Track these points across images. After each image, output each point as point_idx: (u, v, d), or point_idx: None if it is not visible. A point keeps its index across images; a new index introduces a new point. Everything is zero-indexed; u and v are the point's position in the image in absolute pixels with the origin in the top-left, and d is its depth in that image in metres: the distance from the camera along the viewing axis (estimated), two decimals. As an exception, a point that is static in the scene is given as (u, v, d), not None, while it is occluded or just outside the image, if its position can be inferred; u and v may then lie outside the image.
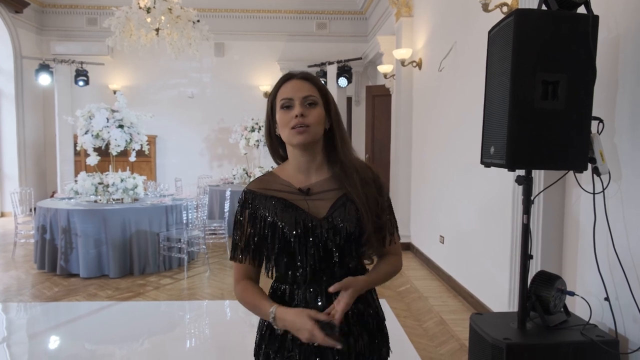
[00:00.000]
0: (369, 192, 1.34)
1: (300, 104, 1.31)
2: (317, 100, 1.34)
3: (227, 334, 4.05)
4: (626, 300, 2.15)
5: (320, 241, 1.30)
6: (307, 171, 1.37)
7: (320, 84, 1.39)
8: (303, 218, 1.31)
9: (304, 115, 1.30)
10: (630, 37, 2.25)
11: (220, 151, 10.20)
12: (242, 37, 10.01)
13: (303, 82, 1.35)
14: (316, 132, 1.32)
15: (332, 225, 1.30)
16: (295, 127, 1.29)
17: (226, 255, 6.15)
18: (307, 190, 1.35)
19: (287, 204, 1.34)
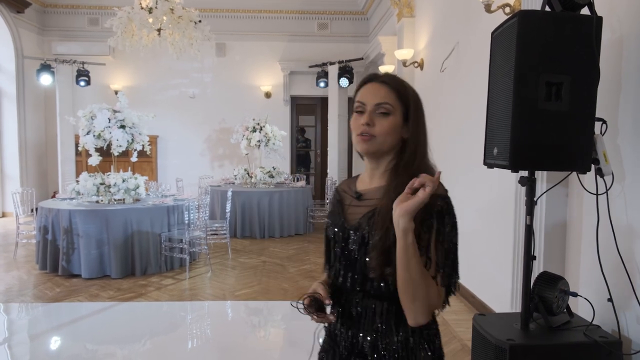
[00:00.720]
0: None
1: (371, 111, 1.24)
2: (391, 109, 1.24)
3: (228, 334, 4.05)
4: (629, 301, 2.15)
5: (343, 247, 1.30)
6: (372, 176, 1.33)
7: (403, 90, 1.27)
8: (339, 221, 1.33)
9: (370, 125, 1.24)
10: (634, 39, 2.25)
11: (222, 151, 10.20)
12: (243, 37, 10.01)
13: (381, 87, 1.26)
14: (382, 143, 1.25)
15: (354, 233, 1.27)
16: (361, 134, 1.25)
17: (227, 255, 6.16)
18: (359, 195, 1.32)
19: (338, 205, 1.36)
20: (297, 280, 5.16)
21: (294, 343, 3.93)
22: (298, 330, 4.17)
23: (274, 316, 4.55)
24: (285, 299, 4.64)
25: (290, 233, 7.58)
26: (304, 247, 6.86)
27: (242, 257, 6.16)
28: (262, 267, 5.70)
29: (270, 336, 4.15)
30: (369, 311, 1.26)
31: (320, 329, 1.39)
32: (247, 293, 4.78)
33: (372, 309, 1.25)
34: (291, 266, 5.75)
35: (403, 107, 1.26)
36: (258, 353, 3.67)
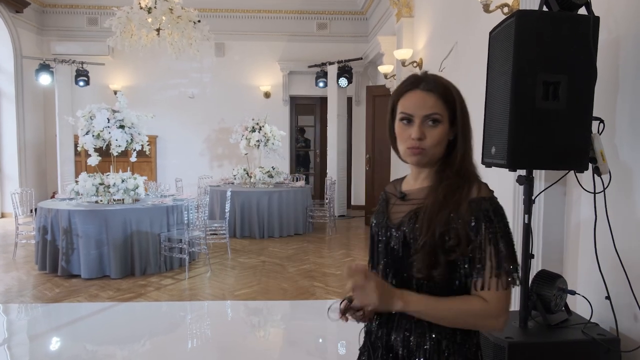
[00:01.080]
0: (444, 209, 1.19)
1: (420, 123, 1.22)
2: (441, 117, 1.22)
3: (228, 334, 4.06)
4: (627, 299, 2.16)
5: (386, 244, 1.30)
6: (416, 178, 1.32)
7: (448, 93, 1.24)
8: (382, 220, 1.34)
9: (422, 139, 1.21)
10: (631, 39, 2.26)
11: (221, 151, 10.21)
12: (242, 37, 10.02)
13: (428, 96, 1.22)
14: (433, 154, 1.24)
15: (397, 231, 1.27)
16: (411, 147, 1.23)
17: (227, 255, 6.16)
18: (403, 195, 1.32)
19: (384, 205, 1.38)
20: (297, 280, 5.17)
21: (293, 343, 3.94)
22: (297, 330, 4.18)
23: (273, 316, 4.56)
24: (285, 299, 4.65)
25: (290, 233, 7.58)
26: (304, 247, 6.87)
27: (242, 257, 6.17)
28: (261, 267, 5.71)
29: (270, 336, 4.16)
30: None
31: (362, 328, 1.40)
32: (246, 293, 4.79)
33: None
34: (290, 266, 5.76)
35: (450, 112, 1.24)
36: (258, 353, 3.68)
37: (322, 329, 4.30)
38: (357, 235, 7.92)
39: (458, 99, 1.25)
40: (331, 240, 7.45)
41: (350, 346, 3.75)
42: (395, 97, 1.28)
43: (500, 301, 1.15)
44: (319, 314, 4.55)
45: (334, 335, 4.20)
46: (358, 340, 1.43)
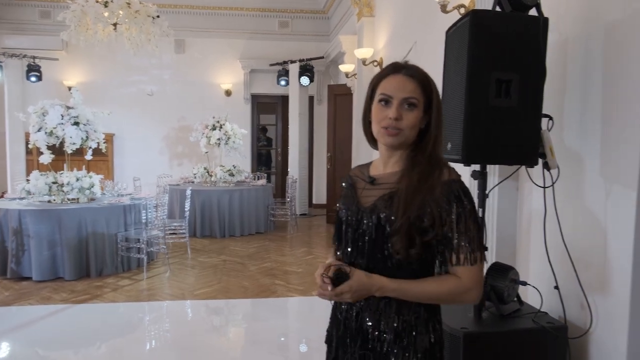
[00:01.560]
0: (419, 192, 1.24)
1: (398, 104, 1.27)
2: (417, 102, 1.28)
3: (188, 335, 3.99)
4: (574, 288, 2.26)
5: (356, 228, 1.33)
6: (386, 163, 1.37)
7: (427, 82, 1.31)
8: (352, 204, 1.36)
9: (398, 119, 1.27)
10: (578, 41, 2.36)
11: (181, 150, 10.03)
12: (203, 34, 9.87)
13: (408, 80, 1.29)
14: (408, 136, 1.29)
15: (369, 214, 1.30)
16: (387, 127, 1.28)
17: (187, 255, 6.07)
18: (373, 180, 1.36)
19: (351, 190, 1.40)
20: (258, 279, 5.15)
21: (255, 342, 3.92)
22: (259, 329, 4.17)
23: (234, 315, 4.52)
24: (246, 297, 4.62)
25: (251, 232, 7.54)
26: (265, 245, 6.84)
27: (202, 257, 6.09)
28: (222, 266, 5.65)
29: (231, 335, 4.13)
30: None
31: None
32: (206, 292, 4.73)
33: None
34: (252, 264, 5.73)
35: (426, 100, 1.29)
36: (219, 353, 3.64)
37: (284, 328, 4.30)
38: (319, 233, 7.95)
39: (434, 89, 1.32)
40: (293, 238, 7.45)
41: (311, 343, 3.77)
42: (376, 80, 1.34)
43: (473, 275, 1.24)
44: (280, 312, 4.55)
45: (296, 333, 4.21)
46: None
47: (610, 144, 2.17)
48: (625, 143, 2.06)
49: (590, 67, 2.29)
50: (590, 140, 2.28)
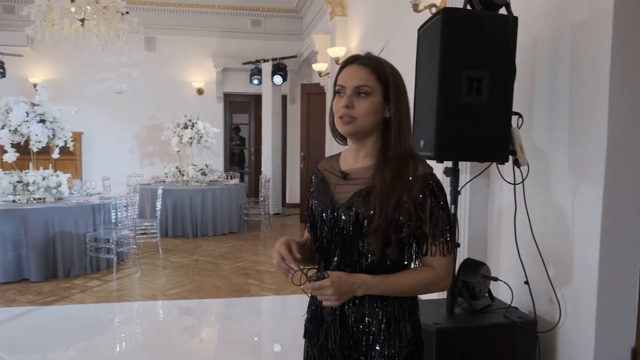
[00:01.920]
0: (394, 189, 1.24)
1: (351, 93, 1.27)
2: (371, 90, 1.27)
3: (159, 335, 3.92)
4: (543, 283, 2.31)
5: (332, 225, 1.31)
6: (356, 156, 1.36)
7: (381, 70, 1.29)
8: (326, 200, 1.35)
9: (349, 107, 1.26)
10: (547, 40, 2.41)
11: (151, 149, 9.86)
12: (174, 31, 9.73)
13: (360, 69, 1.28)
14: (364, 124, 1.28)
15: (345, 211, 1.29)
16: (342, 117, 1.27)
17: (158, 255, 5.97)
18: (345, 175, 1.35)
19: (323, 184, 1.39)
20: (231, 278, 5.10)
21: (227, 342, 3.88)
22: (233, 329, 4.12)
23: (207, 315, 4.46)
24: (219, 297, 4.57)
25: (224, 231, 7.47)
26: (238, 245, 6.78)
27: (174, 257, 6.00)
28: (194, 266, 5.57)
29: (204, 335, 4.07)
30: None
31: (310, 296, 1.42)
32: (178, 292, 4.66)
33: None
34: (224, 264, 5.67)
35: (383, 87, 1.28)
36: (192, 354, 3.58)
37: (258, 327, 4.27)
38: (293, 232, 7.92)
39: (392, 76, 1.30)
40: (266, 238, 7.41)
41: (285, 342, 3.75)
42: (337, 74, 1.33)
43: (445, 265, 1.28)
44: (253, 312, 4.52)
45: (269, 332, 4.18)
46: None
47: (577, 142, 2.22)
48: (592, 141, 2.11)
49: (558, 66, 2.34)
50: (558, 138, 2.33)
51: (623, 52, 2.02)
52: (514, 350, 2.28)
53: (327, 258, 1.33)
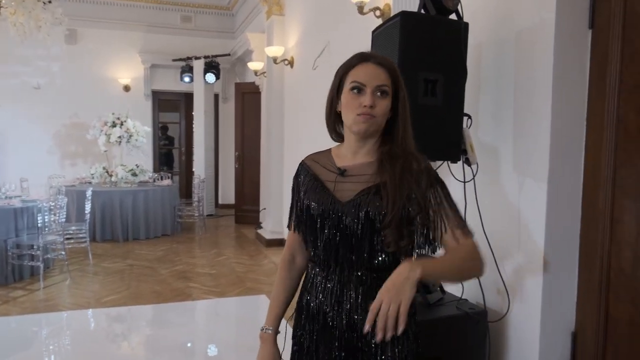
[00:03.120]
0: (404, 183, 1.26)
1: (372, 92, 1.27)
2: (389, 90, 1.30)
3: (91, 346, 3.68)
4: (492, 276, 2.43)
5: (337, 224, 1.29)
6: (355, 152, 1.35)
7: (395, 71, 1.32)
8: (326, 199, 1.31)
9: (374, 107, 1.27)
10: (492, 44, 2.55)
11: (74, 149, 9.28)
12: (97, 24, 9.21)
13: (379, 69, 1.29)
14: (380, 124, 1.31)
15: (352, 210, 1.27)
16: (362, 114, 1.27)
17: (88, 261, 5.64)
18: (343, 171, 1.33)
19: (318, 182, 1.35)
20: (170, 283, 4.91)
21: (165, 348, 3.74)
22: (170, 335, 3.98)
23: (143, 322, 4.27)
24: (160, 302, 4.39)
25: (157, 234, 7.19)
26: (173, 247, 6.56)
27: (106, 262, 5.69)
28: (129, 271, 5.32)
29: (139, 343, 3.89)
30: (365, 286, 1.29)
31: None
32: (115, 299, 4.42)
33: (368, 283, 1.29)
34: (162, 268, 5.46)
35: (394, 88, 1.31)
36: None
37: (197, 331, 4.15)
38: (228, 234, 7.79)
39: (401, 80, 1.34)
40: (202, 240, 7.23)
41: (222, 345, 3.68)
42: (344, 70, 1.32)
43: (474, 246, 1.25)
44: (195, 315, 4.40)
45: (210, 336, 4.09)
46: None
47: (522, 141, 2.37)
48: (535, 141, 2.26)
49: (503, 70, 2.48)
50: (504, 138, 2.47)
51: (564, 57, 2.18)
52: (466, 340, 2.38)
53: (327, 259, 1.32)
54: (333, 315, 1.31)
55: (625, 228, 2.03)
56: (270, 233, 6.71)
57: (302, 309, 1.39)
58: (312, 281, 1.37)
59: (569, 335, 2.28)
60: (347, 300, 1.29)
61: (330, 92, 1.36)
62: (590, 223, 2.18)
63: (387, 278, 1.19)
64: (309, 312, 1.37)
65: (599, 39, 2.15)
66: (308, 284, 1.39)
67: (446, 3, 2.34)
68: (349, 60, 1.33)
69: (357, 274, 1.29)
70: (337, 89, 1.34)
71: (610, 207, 2.09)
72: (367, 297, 1.27)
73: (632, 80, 2.01)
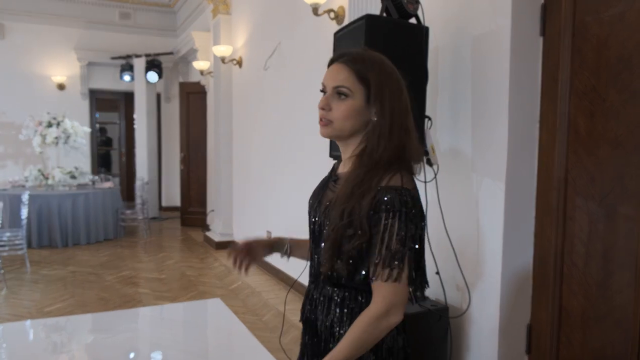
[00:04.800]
0: (351, 199, 1.14)
1: (330, 94, 1.19)
2: (349, 92, 1.16)
3: (32, 358, 3.47)
4: (453, 273, 2.52)
5: (314, 228, 1.28)
6: (344, 160, 1.28)
7: (363, 70, 1.16)
8: (314, 202, 1.30)
9: (325, 109, 1.19)
10: (447, 49, 2.64)
11: (2, 149, 8.68)
12: (27, 18, 8.65)
13: (341, 68, 1.18)
14: (341, 128, 1.19)
15: (322, 217, 1.24)
16: (320, 119, 1.21)
17: (25, 269, 5.29)
18: (336, 179, 1.29)
19: (319, 187, 1.33)
20: (118, 289, 4.70)
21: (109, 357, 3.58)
22: (123, 342, 3.82)
23: (81, 331, 4.04)
24: (108, 309, 4.20)
25: (99, 239, 6.88)
26: (118, 252, 6.29)
27: (45, 269, 5.37)
28: (72, 278, 5.05)
29: (77, 353, 3.70)
30: (325, 296, 1.24)
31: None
32: (60, 308, 4.16)
33: (329, 294, 1.23)
34: (107, 274, 5.22)
35: (365, 89, 1.17)
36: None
37: (152, 337, 4.01)
38: (175, 237, 7.58)
39: (376, 76, 1.17)
40: (147, 243, 6.98)
41: (168, 352, 3.57)
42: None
43: (387, 294, 1.10)
44: (150, 321, 4.23)
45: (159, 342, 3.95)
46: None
47: (479, 142, 2.46)
48: (492, 142, 2.36)
49: (461, 73, 2.57)
50: (462, 139, 2.56)
51: (519, 62, 2.29)
52: (429, 335, 2.46)
53: (312, 258, 1.31)
54: (321, 327, 1.25)
55: (577, 225, 2.16)
56: (220, 235, 6.59)
57: (302, 319, 1.35)
58: (308, 288, 1.34)
59: (525, 327, 2.40)
60: (332, 312, 1.22)
61: None
62: (545, 220, 2.30)
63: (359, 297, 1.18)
64: (306, 322, 1.32)
65: (550, 46, 2.28)
66: (306, 291, 1.35)
67: (407, 7, 2.39)
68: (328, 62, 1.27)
69: (334, 288, 1.22)
70: None
71: (563, 205, 2.22)
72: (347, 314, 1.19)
73: (581, 86, 2.15)
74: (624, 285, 1.97)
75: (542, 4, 2.30)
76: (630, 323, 1.95)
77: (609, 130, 2.03)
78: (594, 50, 2.09)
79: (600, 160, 2.06)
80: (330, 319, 1.22)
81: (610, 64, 2.02)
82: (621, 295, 1.99)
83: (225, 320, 2.30)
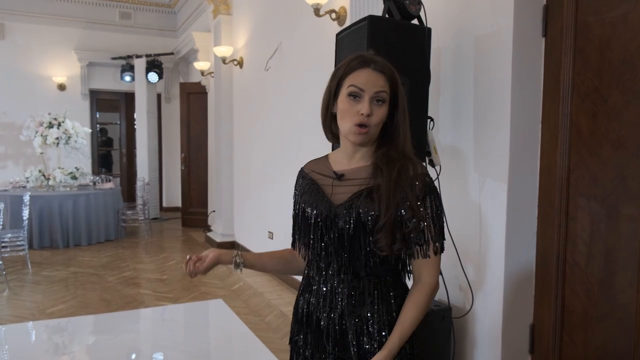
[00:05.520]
0: (399, 187, 1.23)
1: (369, 100, 1.24)
2: (386, 97, 1.26)
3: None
4: (456, 273, 2.52)
5: (330, 227, 1.27)
6: (351, 157, 1.32)
7: (394, 77, 1.28)
8: (321, 202, 1.30)
9: (371, 115, 1.24)
10: (450, 50, 2.65)
11: (3, 150, 8.70)
12: (28, 18, 8.68)
13: (379, 75, 1.25)
14: (375, 133, 1.28)
15: (344, 212, 1.25)
16: (359, 125, 1.24)
17: (27, 270, 5.30)
18: (340, 176, 1.30)
19: (314, 186, 1.34)
20: (120, 290, 4.71)
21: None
22: (130, 343, 3.83)
23: (85, 332, 4.05)
24: (110, 311, 4.20)
25: (100, 240, 6.89)
26: (119, 253, 6.30)
27: (46, 270, 5.38)
28: (73, 279, 5.05)
29: (79, 355, 3.71)
30: (357, 291, 1.27)
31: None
32: (62, 309, 4.17)
33: (360, 288, 1.28)
34: (109, 275, 5.23)
35: (392, 94, 1.28)
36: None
37: (154, 338, 4.01)
38: (176, 237, 7.58)
39: (398, 84, 1.30)
40: (148, 244, 6.99)
41: (168, 353, 3.58)
42: (342, 73, 1.29)
43: (434, 266, 1.28)
44: (151, 322, 4.24)
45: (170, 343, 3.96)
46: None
47: (482, 143, 2.47)
48: (495, 142, 2.37)
49: (463, 73, 2.57)
50: (464, 140, 2.56)
51: (521, 62, 2.29)
52: (433, 336, 2.46)
53: (327, 262, 1.30)
54: (326, 321, 1.29)
55: (579, 225, 2.17)
56: (221, 236, 6.60)
57: (298, 314, 1.37)
58: (308, 285, 1.36)
59: (528, 327, 2.41)
60: (340, 305, 1.28)
61: (326, 93, 1.33)
62: (547, 220, 2.31)
63: (378, 282, 1.29)
64: (304, 317, 1.35)
65: (552, 47, 2.28)
66: (303, 288, 1.38)
67: (410, 8, 2.39)
68: (348, 63, 1.29)
69: (349, 277, 1.28)
70: (335, 93, 1.30)
71: (565, 206, 2.22)
72: (358, 302, 1.27)
73: (583, 87, 2.15)
74: (626, 285, 1.98)
75: (544, 5, 2.30)
76: (632, 322, 1.96)
77: (611, 131, 2.04)
78: (596, 51, 2.10)
79: (603, 160, 2.07)
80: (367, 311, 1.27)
81: (613, 65, 2.03)
82: (623, 295, 1.99)
83: (228, 321, 2.31)
